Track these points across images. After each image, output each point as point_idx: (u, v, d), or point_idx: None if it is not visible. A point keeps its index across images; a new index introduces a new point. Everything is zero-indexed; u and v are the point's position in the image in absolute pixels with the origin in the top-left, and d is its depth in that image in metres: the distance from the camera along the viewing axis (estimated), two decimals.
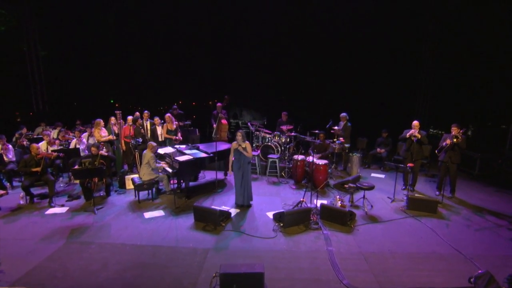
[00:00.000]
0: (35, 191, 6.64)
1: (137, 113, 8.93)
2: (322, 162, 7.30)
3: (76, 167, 6.84)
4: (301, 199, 6.12)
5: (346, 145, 8.50)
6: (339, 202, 5.99)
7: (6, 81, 14.13)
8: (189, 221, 5.59)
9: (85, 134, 8.24)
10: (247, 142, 6.05)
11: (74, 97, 16.80)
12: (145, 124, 8.49)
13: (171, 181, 6.95)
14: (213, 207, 5.99)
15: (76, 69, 15.19)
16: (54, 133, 8.76)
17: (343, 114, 8.78)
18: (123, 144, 8.06)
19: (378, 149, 9.05)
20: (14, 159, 7.52)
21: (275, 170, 8.09)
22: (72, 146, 7.70)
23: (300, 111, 12.37)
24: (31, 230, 5.23)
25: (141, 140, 7.74)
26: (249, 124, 10.00)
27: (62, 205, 6.26)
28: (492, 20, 9.61)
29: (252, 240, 4.97)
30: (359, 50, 12.75)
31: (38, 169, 6.33)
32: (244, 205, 6.20)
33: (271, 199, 6.69)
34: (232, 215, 5.84)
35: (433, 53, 11.66)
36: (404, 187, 7.29)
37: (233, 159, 6.20)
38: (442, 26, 11.26)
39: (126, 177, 7.28)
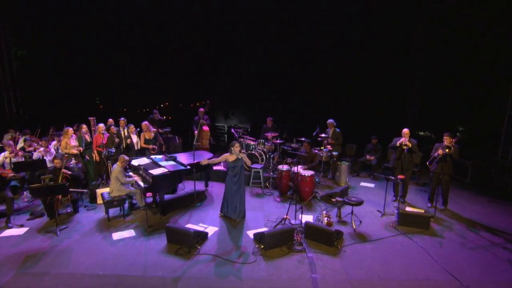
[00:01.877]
0: None
1: (111, 120, 8.33)
2: (308, 173, 6.86)
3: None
4: (285, 216, 5.66)
5: (335, 153, 8.08)
6: (326, 218, 5.56)
7: None
8: (161, 242, 5.07)
9: (54, 143, 7.62)
10: (244, 152, 5.66)
11: (54, 99, 15.94)
12: (121, 132, 7.89)
13: (148, 193, 6.43)
14: (188, 226, 5.50)
15: (57, 69, 14.39)
16: (21, 141, 8.10)
17: (330, 121, 8.37)
18: (96, 154, 7.47)
19: (368, 156, 8.68)
20: None
21: (259, 181, 7.62)
22: (35, 157, 7.03)
23: (286, 116, 11.96)
24: None
25: (114, 150, 7.16)
26: (232, 130, 9.50)
27: (21, 225, 5.65)
28: (482, 19, 9.33)
29: (229, 266, 4.49)
30: (348, 53, 12.39)
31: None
32: (235, 219, 5.82)
33: (254, 215, 6.21)
34: (210, 234, 5.35)
35: (421, 53, 11.37)
36: (394, 199, 6.92)
37: (221, 167, 5.82)
38: (431, 27, 10.98)
39: (97, 190, 6.71)
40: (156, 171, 5.92)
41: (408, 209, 5.89)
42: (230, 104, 15.06)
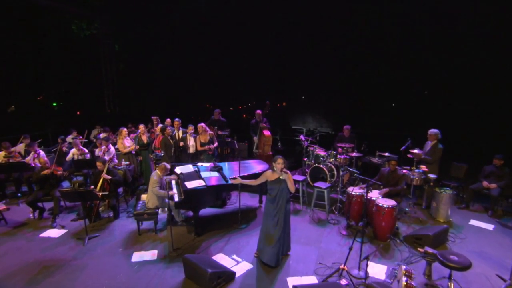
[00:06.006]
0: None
1: (168, 120, 7.92)
2: (388, 202, 5.02)
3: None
4: (341, 266, 4.06)
5: (431, 176, 5.91)
6: (405, 278, 3.74)
7: (85, 82, 15.19)
8: (178, 276, 4.14)
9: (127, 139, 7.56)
10: (287, 172, 4.26)
11: (146, 99, 17.11)
12: (175, 134, 7.40)
13: None
14: (214, 259, 4.44)
15: (149, 71, 15.40)
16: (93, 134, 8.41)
17: (434, 131, 6.16)
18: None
19: (485, 183, 6.12)
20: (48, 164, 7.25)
21: (325, 203, 6.06)
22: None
23: (370, 123, 9.90)
24: (5, 261, 4.48)
25: (162, 154, 6.65)
26: (302, 137, 8.06)
27: (63, 227, 5.51)
28: None
29: None
30: (473, 49, 9.53)
31: (48, 171, 5.76)
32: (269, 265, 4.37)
33: (305, 251, 4.77)
34: (239, 274, 4.17)
35: None
36: None
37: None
38: None
39: (143, 196, 6.24)
40: (190, 184, 5.04)
41: None
42: (308, 106, 13.63)
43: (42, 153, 7.16)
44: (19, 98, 15.08)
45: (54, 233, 5.32)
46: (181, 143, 7.03)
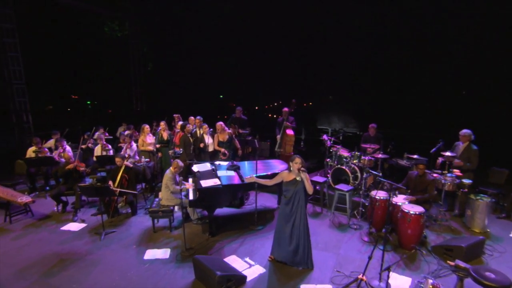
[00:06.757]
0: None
1: (191, 118, 7.90)
2: (415, 208, 4.62)
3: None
4: (360, 276, 3.75)
5: (466, 181, 5.39)
6: None
7: (115, 81, 15.74)
8: (189, 276, 4.04)
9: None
10: (305, 173, 4.05)
11: (179, 97, 17.28)
12: (198, 132, 7.36)
13: None
14: (226, 260, 4.29)
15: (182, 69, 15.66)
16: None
17: (467, 132, 5.65)
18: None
19: None
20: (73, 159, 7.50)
21: (346, 206, 5.74)
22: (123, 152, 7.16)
23: (400, 125, 9.36)
24: (26, 252, 4.63)
25: (181, 151, 6.62)
26: (325, 137, 7.73)
27: (83, 221, 5.63)
28: None
29: None
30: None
31: (71, 166, 5.92)
32: (291, 265, 4.20)
33: (323, 257, 4.50)
34: (251, 278, 3.99)
35: None
36: None
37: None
38: None
39: (160, 193, 6.25)
40: (205, 183, 4.94)
41: None
42: (336, 105, 13.19)
43: (68, 148, 7.39)
44: (57, 97, 15.92)
45: (74, 226, 5.44)
46: (201, 144, 6.94)
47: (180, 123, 7.46)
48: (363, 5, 10.44)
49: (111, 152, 7.12)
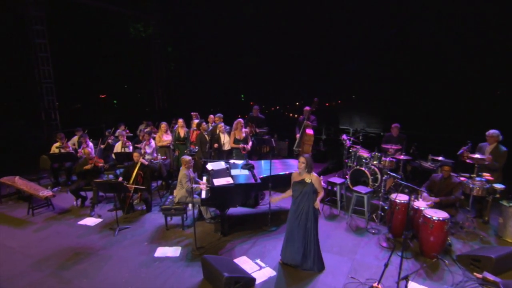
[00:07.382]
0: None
1: (211, 117, 7.86)
2: (438, 214, 4.31)
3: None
4: (375, 284, 3.53)
5: (497, 186, 4.99)
6: None
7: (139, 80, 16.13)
8: (198, 276, 3.98)
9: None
10: (314, 173, 3.93)
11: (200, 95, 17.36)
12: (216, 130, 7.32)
13: None
14: (236, 261, 4.18)
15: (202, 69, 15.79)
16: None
17: (495, 132, 5.23)
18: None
19: None
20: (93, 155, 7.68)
21: (364, 209, 5.48)
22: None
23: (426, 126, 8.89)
24: (45, 244, 4.78)
25: (196, 149, 6.61)
26: (344, 137, 7.45)
27: (99, 216, 5.74)
28: None
29: None
30: None
31: (89, 166, 6.05)
32: (301, 269, 4.07)
33: (337, 261, 4.30)
34: (260, 280, 3.87)
35: None
36: None
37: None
38: None
39: (175, 191, 6.27)
40: (218, 181, 4.88)
41: None
42: (358, 105, 12.78)
43: (90, 145, 7.60)
44: (86, 96, 16.52)
45: (90, 221, 5.55)
46: (216, 145, 6.87)
47: (196, 121, 7.46)
48: (393, 3, 9.99)
49: (130, 149, 7.22)
